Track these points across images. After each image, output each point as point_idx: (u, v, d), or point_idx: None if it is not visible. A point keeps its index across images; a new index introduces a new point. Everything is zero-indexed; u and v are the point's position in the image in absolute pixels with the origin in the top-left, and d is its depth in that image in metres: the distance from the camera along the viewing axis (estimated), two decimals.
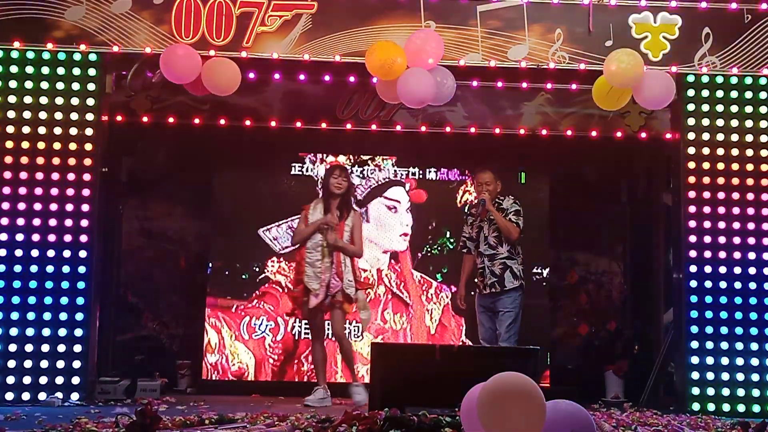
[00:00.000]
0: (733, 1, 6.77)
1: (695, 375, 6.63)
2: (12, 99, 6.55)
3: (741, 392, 6.60)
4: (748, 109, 6.86)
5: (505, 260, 6.72)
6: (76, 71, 6.60)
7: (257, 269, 7.88)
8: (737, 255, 6.73)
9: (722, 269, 6.72)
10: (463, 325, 7.84)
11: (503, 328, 6.65)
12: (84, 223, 6.49)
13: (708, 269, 6.73)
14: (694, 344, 6.66)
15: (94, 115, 6.61)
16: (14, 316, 6.36)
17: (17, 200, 6.46)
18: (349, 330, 7.70)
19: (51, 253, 6.44)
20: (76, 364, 6.37)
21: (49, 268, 6.42)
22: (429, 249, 8.01)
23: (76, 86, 6.60)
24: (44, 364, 6.34)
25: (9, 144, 6.51)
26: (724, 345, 6.65)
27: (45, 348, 6.34)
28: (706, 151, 6.84)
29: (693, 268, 6.73)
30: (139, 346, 7.98)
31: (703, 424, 5.62)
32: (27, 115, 6.54)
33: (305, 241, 6.72)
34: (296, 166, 8.02)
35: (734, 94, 6.85)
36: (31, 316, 6.37)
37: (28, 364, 6.32)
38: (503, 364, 4.07)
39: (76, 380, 6.36)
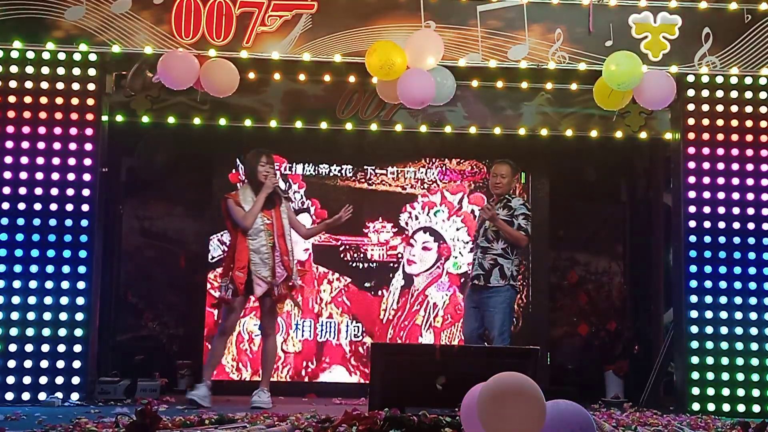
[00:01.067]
0: (733, 1, 6.77)
1: (695, 375, 6.63)
2: (12, 99, 6.55)
3: (741, 392, 6.60)
4: (748, 109, 6.86)
5: (497, 257, 6.56)
6: (76, 71, 6.60)
7: None
8: (737, 255, 6.73)
9: (722, 269, 6.72)
10: None
11: (494, 329, 6.50)
12: (84, 223, 6.49)
13: (708, 269, 6.73)
14: (694, 344, 6.66)
15: (94, 115, 6.61)
16: (14, 316, 6.36)
17: (17, 200, 6.46)
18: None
19: (51, 253, 6.44)
20: (76, 364, 6.37)
21: (49, 268, 6.42)
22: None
23: (76, 86, 6.59)
24: (44, 364, 6.34)
25: (9, 144, 6.51)
26: (724, 345, 6.65)
27: (45, 348, 6.34)
28: (706, 151, 6.84)
29: (693, 268, 6.73)
30: (139, 346, 7.97)
31: (703, 424, 5.62)
32: (27, 115, 6.54)
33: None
34: (296, 166, 8.01)
35: (734, 94, 6.85)
36: (31, 316, 6.37)
37: (28, 364, 6.32)
38: (503, 364, 4.07)
39: (76, 380, 6.36)
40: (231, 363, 7.69)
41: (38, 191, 6.48)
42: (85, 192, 6.52)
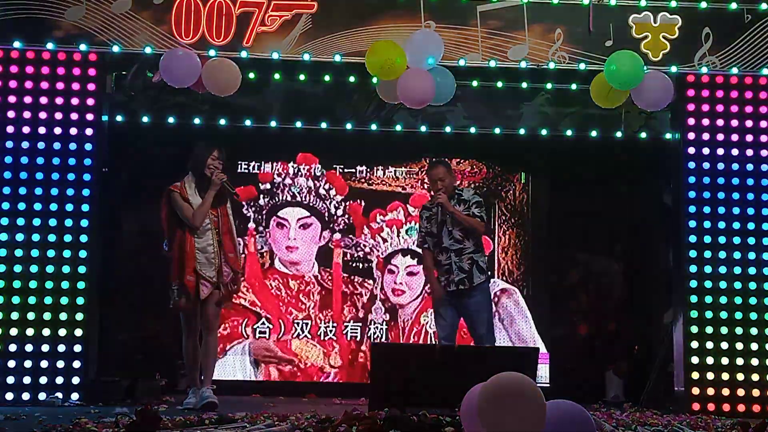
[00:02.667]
0: (733, 1, 6.77)
1: (695, 375, 6.63)
2: (12, 99, 6.54)
3: (741, 392, 6.59)
4: (748, 109, 6.86)
5: (472, 255, 6.41)
6: (76, 71, 6.59)
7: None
8: (737, 255, 6.73)
9: (722, 269, 6.72)
10: None
11: (482, 328, 6.39)
12: (84, 223, 6.49)
13: (708, 269, 6.72)
14: (694, 344, 6.66)
15: (94, 115, 6.60)
16: (14, 316, 6.36)
17: (17, 200, 6.45)
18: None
19: (51, 253, 6.43)
20: (76, 364, 6.37)
21: (49, 268, 6.42)
22: None
23: (76, 86, 6.59)
24: (44, 364, 6.33)
25: (9, 144, 6.51)
26: (724, 345, 6.64)
27: (45, 348, 6.34)
28: (706, 151, 6.84)
29: (693, 268, 6.73)
30: (139, 346, 7.96)
31: (703, 424, 5.62)
32: (27, 115, 6.54)
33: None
34: (294, 166, 8.01)
35: (734, 94, 6.85)
36: (30, 316, 6.37)
37: (28, 364, 6.31)
38: (503, 364, 4.07)
39: (76, 380, 6.36)
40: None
41: (38, 191, 6.47)
42: (85, 192, 6.51)
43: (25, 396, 6.28)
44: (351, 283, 7.73)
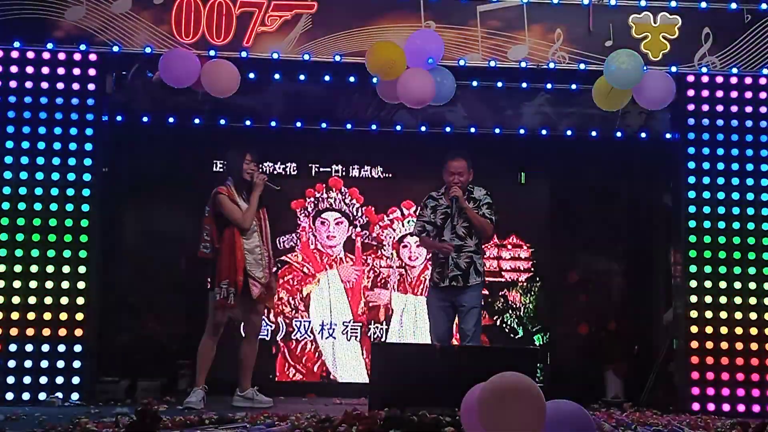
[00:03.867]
0: (733, 1, 6.77)
1: (695, 375, 6.63)
2: (12, 99, 6.55)
3: (741, 392, 6.60)
4: (748, 109, 6.86)
5: (472, 254, 6.35)
6: (76, 71, 6.60)
7: None
8: (737, 255, 6.73)
9: (722, 269, 6.72)
10: None
11: (470, 325, 6.30)
12: (84, 223, 6.49)
13: (708, 269, 6.73)
14: (694, 344, 6.66)
15: (94, 115, 6.61)
16: (14, 316, 6.37)
17: (17, 200, 6.46)
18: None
19: (51, 253, 6.44)
20: (76, 364, 6.38)
21: (49, 268, 6.42)
22: None
23: (76, 86, 6.60)
24: (44, 364, 6.34)
25: (9, 144, 6.51)
26: (724, 345, 6.65)
27: (45, 348, 6.35)
28: (706, 151, 6.85)
29: (693, 268, 6.73)
30: (139, 346, 7.96)
31: (703, 424, 5.63)
32: (27, 115, 6.55)
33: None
34: (294, 167, 8.02)
35: (734, 94, 6.85)
36: (31, 316, 6.37)
37: (28, 364, 6.33)
38: (503, 364, 4.07)
39: (76, 380, 6.37)
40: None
41: (38, 191, 6.48)
42: (85, 192, 6.52)
43: (25, 396, 6.29)
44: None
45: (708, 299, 6.69)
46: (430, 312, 6.51)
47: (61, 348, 6.37)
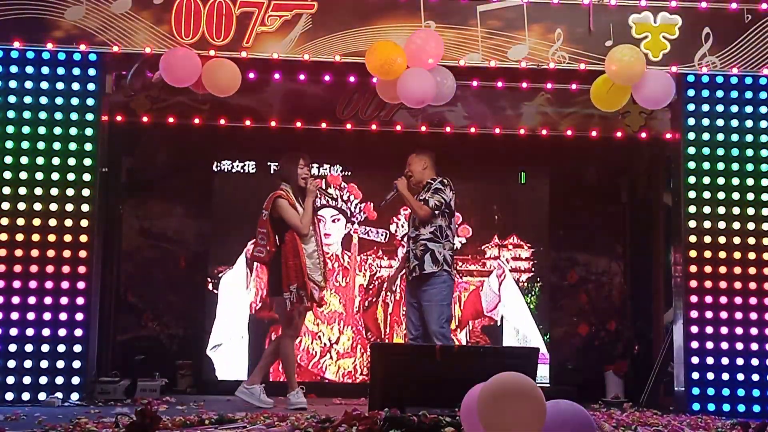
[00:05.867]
0: (733, 1, 6.77)
1: (695, 375, 6.63)
2: (12, 99, 6.55)
3: (741, 392, 6.60)
4: (748, 109, 6.86)
5: (426, 242, 6.41)
6: (76, 71, 6.60)
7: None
8: (737, 255, 6.73)
9: (722, 269, 6.72)
10: None
11: (432, 323, 6.33)
12: (84, 223, 6.49)
13: (708, 269, 6.72)
14: (694, 344, 6.66)
15: (94, 115, 6.61)
16: (14, 316, 6.36)
17: (17, 200, 6.46)
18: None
19: (51, 253, 6.43)
20: (76, 364, 6.37)
21: (49, 268, 6.42)
22: None
23: (76, 86, 6.59)
24: (44, 364, 6.33)
25: (9, 144, 6.51)
26: (724, 345, 6.65)
27: (45, 348, 6.34)
28: (706, 151, 6.84)
29: (693, 268, 6.73)
30: (139, 346, 7.96)
31: (703, 424, 5.63)
32: (27, 115, 6.54)
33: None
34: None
35: (734, 94, 6.85)
36: (31, 316, 6.37)
37: (28, 364, 6.32)
38: (503, 364, 4.07)
39: (76, 380, 6.36)
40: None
41: (38, 191, 6.47)
42: (85, 192, 6.52)
43: (25, 396, 6.28)
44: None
45: (708, 299, 6.69)
46: (406, 311, 6.69)
47: (61, 348, 6.36)
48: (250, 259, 6.52)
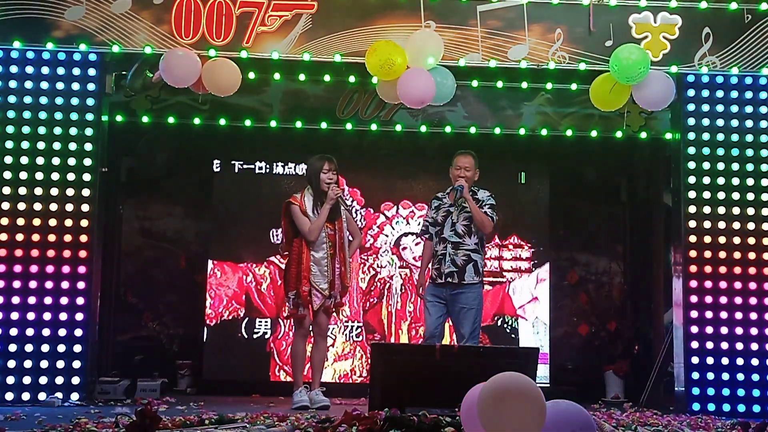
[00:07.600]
0: (733, 1, 6.77)
1: (695, 375, 6.63)
2: (12, 99, 6.54)
3: (741, 392, 6.59)
4: (748, 109, 6.86)
5: (471, 252, 6.38)
6: (76, 71, 6.60)
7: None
8: (737, 255, 6.73)
9: (722, 269, 6.72)
10: None
11: (465, 329, 6.32)
12: (84, 223, 6.49)
13: (708, 269, 6.72)
14: (694, 344, 6.66)
15: (94, 115, 6.61)
16: (14, 316, 6.36)
17: (17, 200, 6.45)
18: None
19: (51, 253, 6.43)
20: (76, 364, 6.37)
21: (49, 268, 6.42)
22: None
23: (76, 86, 6.59)
24: (44, 364, 6.33)
25: (9, 144, 6.51)
26: (724, 345, 6.65)
27: (45, 348, 6.34)
28: (706, 151, 6.84)
29: (693, 268, 6.73)
30: (139, 346, 7.97)
31: (703, 424, 5.62)
32: (27, 115, 6.54)
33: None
34: (294, 166, 8.02)
35: (734, 94, 6.85)
36: (31, 316, 6.37)
37: (28, 364, 6.32)
38: (503, 364, 4.06)
39: (76, 380, 6.36)
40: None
41: (38, 191, 6.47)
42: (85, 192, 6.51)
43: (25, 396, 6.28)
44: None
45: (708, 299, 6.69)
46: (424, 307, 6.58)
47: (61, 348, 6.36)
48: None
